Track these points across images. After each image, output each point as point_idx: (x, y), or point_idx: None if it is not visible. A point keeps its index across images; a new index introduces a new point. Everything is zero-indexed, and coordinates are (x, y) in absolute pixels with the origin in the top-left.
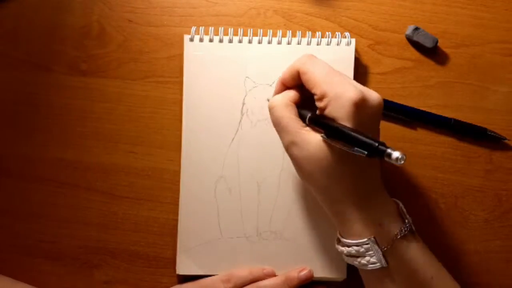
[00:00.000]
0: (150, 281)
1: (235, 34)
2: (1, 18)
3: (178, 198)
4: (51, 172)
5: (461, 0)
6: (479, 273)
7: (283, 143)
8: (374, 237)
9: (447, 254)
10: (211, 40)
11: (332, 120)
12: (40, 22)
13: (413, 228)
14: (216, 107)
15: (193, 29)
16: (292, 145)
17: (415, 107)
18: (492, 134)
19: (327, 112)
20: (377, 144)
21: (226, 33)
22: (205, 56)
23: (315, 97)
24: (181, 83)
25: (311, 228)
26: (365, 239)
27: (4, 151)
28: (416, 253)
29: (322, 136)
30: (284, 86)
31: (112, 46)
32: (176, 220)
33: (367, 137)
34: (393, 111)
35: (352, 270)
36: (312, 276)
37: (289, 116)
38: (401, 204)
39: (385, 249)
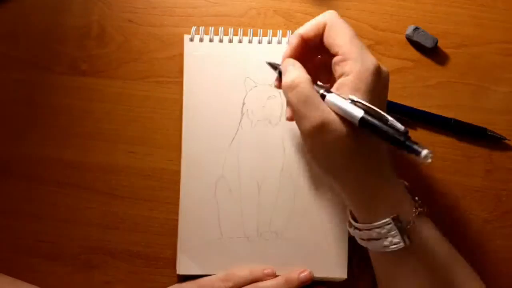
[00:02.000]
0: (150, 281)
1: (235, 34)
2: (1, 18)
3: (178, 198)
4: (51, 172)
5: (461, 0)
6: (479, 273)
7: (309, 124)
8: (398, 216)
9: None
10: (211, 40)
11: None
12: (40, 22)
13: (425, 206)
14: (216, 107)
15: (193, 29)
16: (322, 125)
17: (415, 107)
18: (492, 134)
19: (347, 79)
20: (403, 139)
21: (226, 33)
22: (205, 56)
23: (336, 58)
24: (181, 83)
25: (312, 228)
26: (387, 219)
27: (4, 151)
28: (433, 229)
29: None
30: (302, 42)
31: (112, 46)
32: (176, 220)
33: (395, 129)
34: (393, 111)
35: (352, 270)
36: (312, 278)
37: (316, 94)
38: (406, 183)
39: (409, 227)
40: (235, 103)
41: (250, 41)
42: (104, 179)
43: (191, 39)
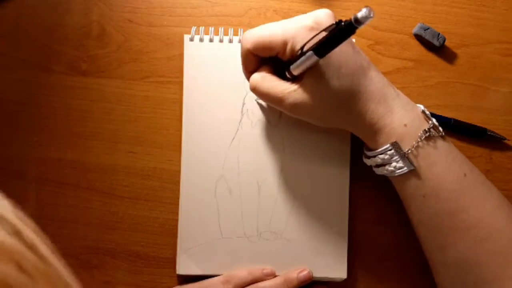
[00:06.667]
0: (150, 281)
1: (235, 34)
2: (1, 18)
3: (178, 198)
4: (51, 172)
5: (461, 0)
6: None
7: (285, 110)
8: (396, 141)
9: None
10: (211, 40)
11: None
12: (40, 22)
13: (441, 129)
14: (216, 107)
15: (193, 29)
16: (294, 106)
17: None
18: (492, 134)
19: (294, 54)
20: (341, 22)
21: (226, 33)
22: (205, 56)
23: (279, 54)
24: (181, 83)
25: (311, 228)
26: (388, 145)
27: (4, 151)
28: (445, 153)
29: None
30: (251, 73)
31: (112, 46)
32: (176, 220)
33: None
34: None
35: (352, 270)
36: (311, 277)
37: (273, 84)
38: (423, 108)
39: (409, 151)
40: (235, 103)
41: None
42: (104, 179)
43: (191, 39)
